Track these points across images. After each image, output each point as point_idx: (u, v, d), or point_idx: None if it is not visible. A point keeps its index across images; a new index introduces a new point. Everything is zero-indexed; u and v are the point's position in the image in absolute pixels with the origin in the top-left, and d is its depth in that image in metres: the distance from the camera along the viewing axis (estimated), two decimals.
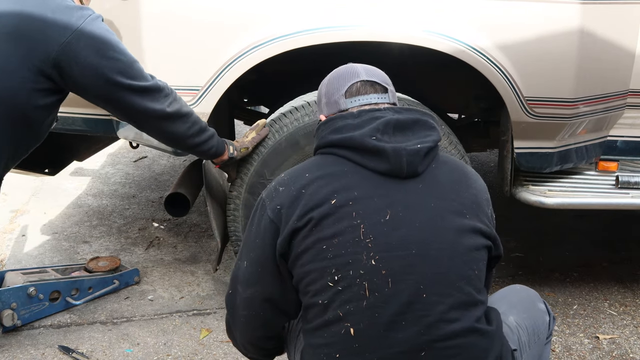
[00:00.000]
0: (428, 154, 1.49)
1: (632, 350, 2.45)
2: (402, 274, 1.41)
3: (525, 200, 2.48)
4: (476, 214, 1.50)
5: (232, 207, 2.45)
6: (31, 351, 2.42)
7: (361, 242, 1.41)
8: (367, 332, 1.41)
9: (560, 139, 2.42)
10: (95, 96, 1.98)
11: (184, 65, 2.32)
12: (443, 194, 1.48)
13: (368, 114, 1.51)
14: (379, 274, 1.40)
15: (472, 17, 2.23)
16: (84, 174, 4.29)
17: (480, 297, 1.49)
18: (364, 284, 1.40)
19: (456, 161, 1.62)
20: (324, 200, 1.44)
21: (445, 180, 1.51)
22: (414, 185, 1.47)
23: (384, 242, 1.41)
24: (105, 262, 2.88)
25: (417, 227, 1.43)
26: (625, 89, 2.43)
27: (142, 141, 2.62)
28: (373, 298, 1.40)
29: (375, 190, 1.45)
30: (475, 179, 1.58)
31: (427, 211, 1.45)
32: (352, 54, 2.50)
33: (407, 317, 1.40)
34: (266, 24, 2.24)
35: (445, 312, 1.42)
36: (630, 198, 2.49)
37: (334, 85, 1.61)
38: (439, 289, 1.42)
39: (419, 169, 1.47)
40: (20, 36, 1.83)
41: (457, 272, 1.44)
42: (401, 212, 1.44)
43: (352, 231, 1.41)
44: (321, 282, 1.43)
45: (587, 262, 3.11)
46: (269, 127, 2.36)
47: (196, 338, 2.51)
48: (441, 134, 1.58)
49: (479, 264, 1.49)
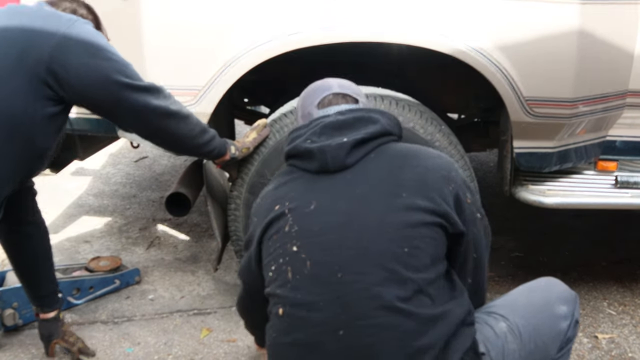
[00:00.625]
0: (357, 146, 1.57)
1: (631, 350, 2.45)
2: (320, 256, 1.50)
3: (525, 200, 2.48)
4: (418, 192, 1.52)
5: (232, 206, 2.46)
6: (32, 350, 2.42)
7: (289, 234, 1.55)
8: (292, 313, 1.52)
9: (559, 139, 2.43)
10: (95, 100, 1.95)
11: (184, 65, 2.32)
12: (374, 180, 1.54)
13: (319, 120, 1.65)
14: (299, 258, 1.52)
15: (471, 17, 2.23)
16: (85, 173, 4.29)
17: (412, 274, 1.46)
18: (288, 268, 1.53)
19: (409, 147, 1.65)
20: (271, 207, 1.61)
21: (379, 167, 1.56)
22: (342, 177, 1.57)
23: (306, 230, 1.53)
24: (106, 262, 2.89)
25: (337, 212, 1.52)
26: (625, 89, 2.43)
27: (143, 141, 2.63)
28: (295, 281, 1.52)
29: (307, 187, 1.59)
30: (426, 158, 1.60)
31: (351, 197, 1.53)
32: (352, 54, 2.52)
33: (325, 297, 1.48)
34: (266, 23, 2.25)
35: (362, 290, 1.45)
36: (630, 198, 2.49)
37: (309, 98, 1.76)
38: (357, 268, 1.47)
39: (347, 161, 1.56)
40: (14, 46, 1.84)
41: (380, 250, 1.47)
42: (325, 202, 1.55)
43: (284, 226, 1.57)
44: (268, 274, 1.59)
45: (587, 261, 3.12)
46: (270, 127, 2.37)
47: (197, 337, 2.52)
48: (387, 126, 1.63)
49: (413, 241, 1.48)
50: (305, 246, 1.52)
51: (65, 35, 1.86)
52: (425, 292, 1.48)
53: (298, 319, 1.51)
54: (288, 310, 1.53)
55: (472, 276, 1.68)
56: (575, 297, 1.74)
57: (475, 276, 1.69)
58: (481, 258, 1.67)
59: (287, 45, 2.25)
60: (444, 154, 1.66)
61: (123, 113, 1.98)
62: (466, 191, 1.60)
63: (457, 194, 1.57)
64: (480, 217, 1.65)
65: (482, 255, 1.67)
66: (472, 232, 1.60)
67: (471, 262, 1.64)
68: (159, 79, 2.35)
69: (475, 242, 1.63)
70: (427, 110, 2.38)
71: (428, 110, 2.39)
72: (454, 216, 1.54)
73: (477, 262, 1.66)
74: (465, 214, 1.58)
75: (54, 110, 1.91)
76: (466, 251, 1.62)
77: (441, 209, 1.52)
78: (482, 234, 1.66)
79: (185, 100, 2.32)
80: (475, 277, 1.69)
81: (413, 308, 1.45)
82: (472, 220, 1.60)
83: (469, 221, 1.59)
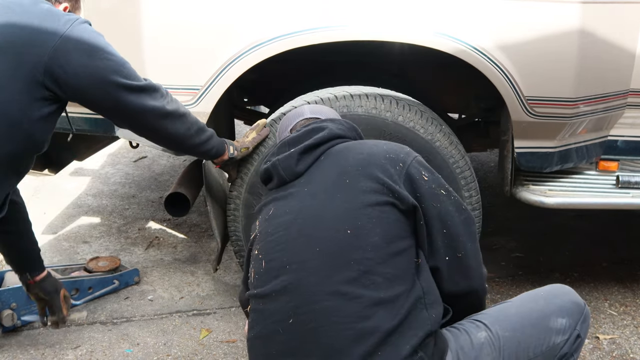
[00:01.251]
0: (305, 153, 1.66)
1: (633, 351, 2.44)
2: (272, 254, 1.59)
3: (526, 200, 2.47)
4: (360, 175, 1.56)
5: (232, 207, 2.45)
6: (31, 351, 2.41)
7: (253, 241, 1.69)
8: (254, 308, 1.62)
9: (560, 139, 2.42)
10: (93, 100, 1.95)
11: (183, 64, 2.31)
12: (322, 176, 1.62)
13: (279, 142, 1.75)
14: (258, 259, 1.63)
15: (472, 16, 2.23)
16: (84, 174, 4.28)
17: (357, 255, 1.47)
18: (253, 270, 1.65)
19: (357, 142, 1.73)
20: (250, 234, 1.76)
21: (328, 165, 1.64)
22: (297, 182, 1.66)
23: (264, 232, 1.65)
24: (105, 262, 2.88)
25: (288, 212, 1.61)
26: (626, 89, 2.43)
27: (142, 141, 2.62)
28: (255, 280, 1.63)
29: (271, 200, 1.70)
30: (371, 146, 1.66)
31: (301, 196, 1.61)
32: (353, 54, 2.51)
33: (276, 289, 1.54)
34: (266, 23, 2.24)
35: (306, 277, 1.50)
36: (631, 198, 2.48)
37: (284, 126, 1.90)
38: (301, 257, 1.53)
39: (298, 169, 1.66)
40: (9, 47, 1.82)
41: (322, 237, 1.52)
42: (280, 207, 1.64)
43: (252, 236, 1.71)
44: None
45: (587, 262, 3.11)
46: (269, 127, 2.36)
47: (196, 338, 2.51)
48: (337, 130, 1.71)
49: (357, 222, 1.50)
50: (262, 248, 1.63)
51: (64, 38, 1.84)
52: (375, 272, 1.47)
53: (258, 312, 1.59)
54: (252, 306, 1.63)
55: (460, 273, 1.61)
56: (581, 309, 1.63)
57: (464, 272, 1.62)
58: (456, 235, 1.59)
59: (287, 45, 2.24)
60: (397, 144, 1.70)
61: (120, 113, 1.99)
62: (421, 169, 1.60)
63: (408, 172, 1.58)
64: (446, 194, 1.61)
65: (458, 233, 1.59)
66: (435, 208, 1.57)
67: (440, 239, 1.58)
68: (158, 78, 2.35)
69: (442, 217, 1.57)
70: (427, 110, 2.37)
71: (428, 110, 2.38)
72: (402, 191, 1.54)
73: (452, 241, 1.59)
74: (423, 190, 1.57)
75: (51, 109, 1.91)
76: (430, 227, 1.57)
77: (386, 187, 1.54)
78: (453, 210, 1.60)
79: (184, 100, 2.32)
80: (465, 273, 1.62)
81: (358, 289, 1.45)
82: (432, 195, 1.57)
83: (428, 196, 1.57)
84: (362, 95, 2.31)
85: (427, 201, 1.57)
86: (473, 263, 1.63)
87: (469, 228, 1.63)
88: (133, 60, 2.38)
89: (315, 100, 2.33)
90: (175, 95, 2.30)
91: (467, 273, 1.63)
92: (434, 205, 1.57)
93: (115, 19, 2.43)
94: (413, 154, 1.64)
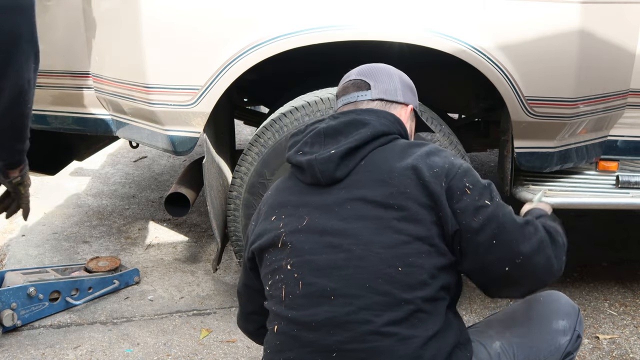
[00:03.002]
0: (346, 156, 1.49)
1: (632, 351, 2.44)
2: (312, 277, 1.45)
3: (526, 200, 2.47)
4: (409, 199, 1.42)
5: (232, 207, 2.45)
6: (31, 351, 2.41)
7: (284, 250, 1.50)
8: (285, 331, 1.49)
9: (560, 139, 2.42)
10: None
11: (183, 64, 2.31)
12: (364, 194, 1.46)
13: (312, 126, 1.58)
14: (292, 277, 1.48)
15: (472, 16, 2.23)
16: (84, 174, 4.29)
17: (407, 294, 1.39)
18: (282, 286, 1.49)
19: (400, 149, 1.51)
20: (268, 217, 1.57)
21: (370, 178, 1.47)
22: (336, 191, 1.49)
23: (298, 248, 1.48)
24: (105, 262, 2.88)
25: (329, 232, 1.46)
26: (626, 89, 2.43)
27: (142, 141, 2.63)
28: (288, 300, 1.48)
29: (302, 201, 1.53)
30: (413, 159, 1.46)
31: (342, 215, 1.46)
32: (353, 53, 2.51)
33: (316, 318, 1.44)
34: (266, 23, 2.24)
35: (353, 313, 1.40)
36: (631, 198, 2.48)
37: (339, 87, 1.68)
38: (348, 291, 1.42)
39: (337, 175, 1.49)
40: None
41: (372, 272, 1.41)
42: (317, 218, 1.48)
43: (279, 240, 1.51)
44: (266, 287, 1.57)
45: (587, 262, 3.11)
46: (270, 126, 2.36)
47: (196, 338, 2.51)
48: (380, 126, 1.51)
49: (408, 258, 1.40)
50: (298, 265, 1.48)
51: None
52: (422, 310, 1.41)
53: (290, 337, 1.48)
54: (282, 327, 1.50)
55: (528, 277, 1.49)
56: (577, 311, 1.68)
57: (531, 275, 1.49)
58: (508, 242, 1.45)
59: (287, 45, 2.24)
60: (436, 149, 1.52)
61: None
62: (465, 181, 1.45)
63: (451, 186, 1.44)
64: (491, 203, 1.46)
65: (509, 239, 1.45)
66: (477, 221, 1.43)
67: (491, 252, 1.45)
68: (158, 78, 2.35)
69: (489, 228, 1.44)
70: (427, 109, 2.37)
71: (428, 109, 2.38)
72: (449, 216, 1.43)
73: (506, 250, 1.45)
74: (464, 204, 1.43)
75: None
76: (476, 244, 1.44)
77: (434, 213, 1.42)
78: (499, 217, 1.45)
79: (184, 100, 2.32)
80: (533, 276, 1.49)
81: (407, 330, 1.39)
82: (475, 209, 1.43)
83: (471, 210, 1.43)
84: None
85: (470, 216, 1.43)
86: (539, 261, 1.49)
87: (523, 230, 1.48)
88: (133, 60, 2.39)
89: (315, 100, 2.33)
90: (175, 95, 2.31)
91: (535, 275, 1.51)
92: (476, 219, 1.44)
93: (115, 18, 2.44)
94: (457, 164, 1.49)
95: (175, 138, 2.42)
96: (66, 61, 2.61)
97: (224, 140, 2.83)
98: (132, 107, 2.48)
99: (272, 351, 1.53)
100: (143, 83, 2.34)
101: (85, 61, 2.59)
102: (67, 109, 2.70)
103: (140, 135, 2.59)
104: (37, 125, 2.75)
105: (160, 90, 2.33)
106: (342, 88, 1.65)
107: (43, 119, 2.73)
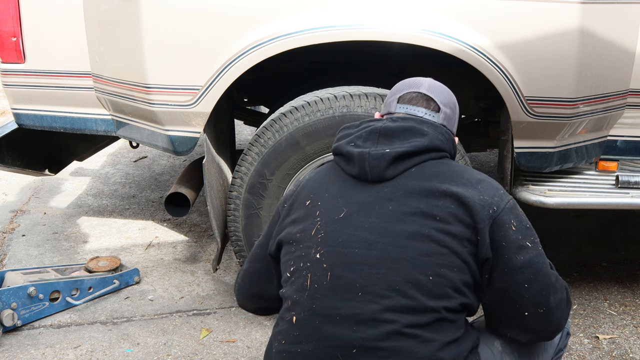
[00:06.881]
0: (399, 159, 1.49)
1: (632, 350, 2.44)
2: (341, 270, 1.45)
3: (526, 200, 2.47)
4: (452, 216, 1.45)
5: (232, 207, 2.45)
6: (31, 351, 2.41)
7: (314, 237, 1.50)
8: (305, 322, 1.47)
9: (560, 139, 2.42)
10: None
11: (183, 64, 2.31)
12: (409, 199, 1.47)
13: (367, 123, 1.57)
14: (320, 266, 1.47)
15: (472, 16, 2.23)
16: (84, 174, 4.29)
17: (434, 303, 1.41)
18: (308, 275, 1.48)
19: (452, 170, 1.53)
20: (304, 200, 1.57)
21: (418, 186, 1.48)
22: (380, 189, 1.50)
23: (331, 238, 1.48)
24: (106, 262, 2.88)
25: (366, 228, 1.46)
26: (626, 89, 2.43)
27: (142, 141, 2.63)
28: (313, 289, 1.47)
29: (342, 192, 1.53)
30: (463, 183, 1.49)
31: (383, 214, 1.47)
32: (353, 54, 2.51)
33: (341, 312, 1.44)
34: (265, 23, 2.24)
35: (379, 312, 1.41)
36: (630, 198, 2.48)
37: (396, 90, 1.67)
38: (376, 289, 1.42)
39: (386, 174, 1.49)
40: None
41: (403, 276, 1.42)
42: (356, 213, 1.49)
43: (311, 228, 1.51)
44: (285, 273, 1.55)
45: (587, 262, 3.11)
46: (270, 126, 2.36)
47: (196, 338, 2.51)
48: (436, 140, 1.53)
49: (440, 269, 1.42)
50: (328, 255, 1.47)
51: None
52: (445, 319, 1.43)
53: (312, 329, 1.47)
54: (302, 318, 1.48)
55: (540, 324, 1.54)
56: None
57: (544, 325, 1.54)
58: (539, 290, 1.49)
59: (287, 45, 2.24)
60: (488, 179, 1.55)
61: None
62: (511, 217, 1.48)
63: (498, 219, 1.46)
64: (532, 246, 1.50)
65: (541, 287, 1.49)
66: (518, 260, 1.46)
67: (521, 294, 1.49)
68: (158, 78, 2.35)
69: (523, 271, 1.47)
70: None
71: None
72: (485, 241, 1.45)
73: (535, 296, 1.49)
74: (508, 240, 1.46)
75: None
76: (509, 280, 1.48)
77: (474, 233, 1.45)
78: (537, 262, 1.49)
79: (184, 100, 2.32)
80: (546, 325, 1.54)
81: (429, 334, 1.41)
82: (517, 248, 1.47)
83: (513, 248, 1.46)
84: (361, 95, 2.31)
85: (510, 253, 1.46)
86: (557, 317, 1.54)
87: (555, 284, 1.52)
88: (133, 61, 2.39)
89: (315, 100, 2.33)
90: (175, 95, 2.31)
91: (548, 328, 1.57)
92: (517, 258, 1.46)
93: (115, 18, 2.44)
94: (506, 198, 1.51)
95: (175, 138, 2.43)
96: (66, 61, 2.62)
97: (224, 140, 2.83)
98: (132, 107, 2.49)
99: (287, 342, 1.50)
100: (143, 83, 2.35)
101: (85, 61, 2.60)
102: (67, 109, 2.70)
103: (140, 135, 2.59)
104: (37, 125, 2.75)
105: (161, 90, 2.34)
106: (408, 96, 1.62)
107: (43, 119, 2.73)
